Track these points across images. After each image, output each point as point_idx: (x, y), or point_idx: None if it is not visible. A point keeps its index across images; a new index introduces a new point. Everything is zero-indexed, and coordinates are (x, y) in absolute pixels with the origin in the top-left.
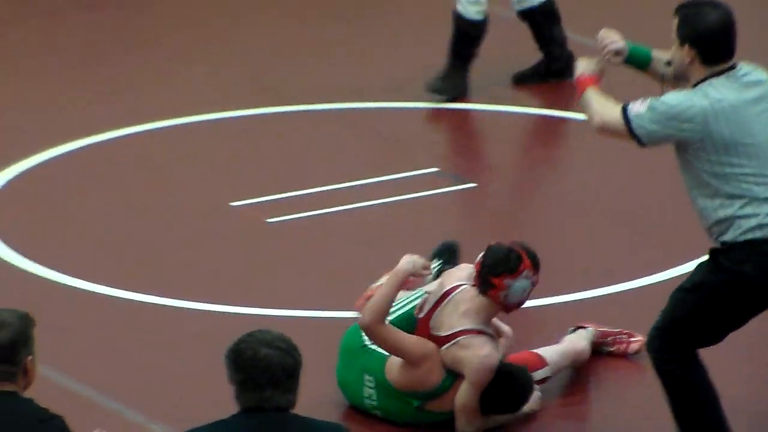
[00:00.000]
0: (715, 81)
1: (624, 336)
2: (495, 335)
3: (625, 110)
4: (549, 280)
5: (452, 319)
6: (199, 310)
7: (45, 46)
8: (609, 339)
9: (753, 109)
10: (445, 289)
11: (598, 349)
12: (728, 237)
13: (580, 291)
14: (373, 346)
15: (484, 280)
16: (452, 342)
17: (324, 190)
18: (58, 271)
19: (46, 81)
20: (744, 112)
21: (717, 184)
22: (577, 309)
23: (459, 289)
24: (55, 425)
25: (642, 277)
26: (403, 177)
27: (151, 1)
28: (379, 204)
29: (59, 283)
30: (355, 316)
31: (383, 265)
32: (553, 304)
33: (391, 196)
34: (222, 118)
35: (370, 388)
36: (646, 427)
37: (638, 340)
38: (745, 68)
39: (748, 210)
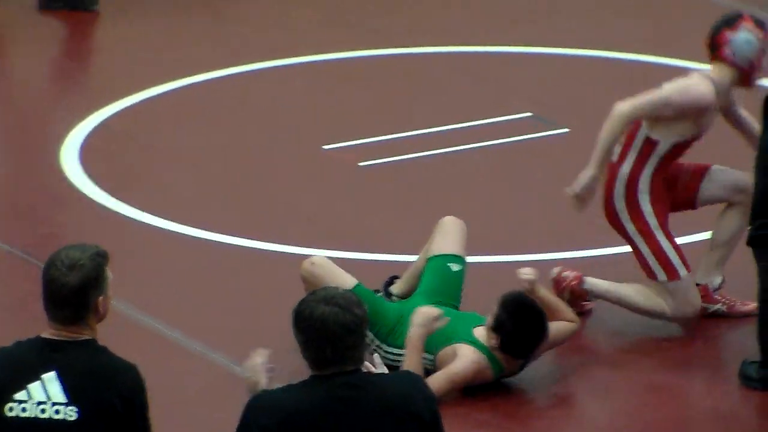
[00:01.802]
0: None
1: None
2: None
3: None
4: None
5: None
6: (291, 253)
7: None
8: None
9: None
10: None
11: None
12: None
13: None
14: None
15: (710, 45)
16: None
17: (417, 134)
18: (149, 212)
19: (150, 23)
20: None
21: None
22: None
23: None
24: (128, 377)
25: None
26: (497, 121)
27: None
28: (472, 148)
29: (150, 225)
30: None
31: (474, 209)
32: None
33: (486, 140)
34: (319, 60)
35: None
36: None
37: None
38: None
39: None
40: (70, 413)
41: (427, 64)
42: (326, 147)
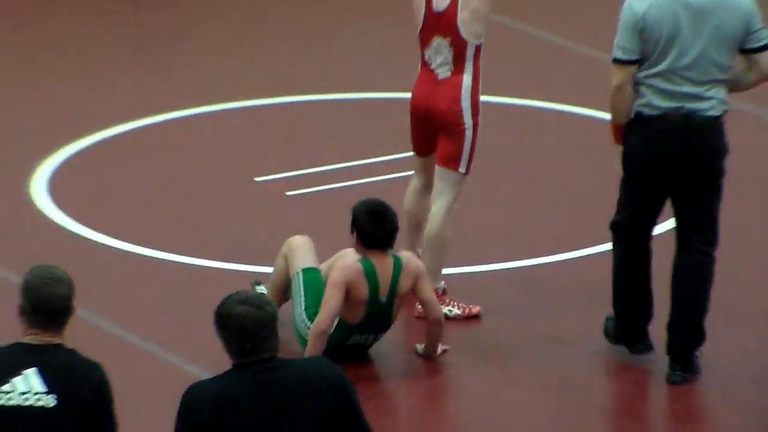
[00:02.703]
0: None
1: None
2: None
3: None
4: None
5: None
6: (223, 269)
7: (95, 41)
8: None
9: None
10: None
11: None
12: None
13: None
14: None
15: None
16: None
17: (332, 168)
18: (107, 234)
19: (96, 71)
20: None
21: None
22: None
23: None
24: (97, 373)
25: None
26: (398, 158)
27: (181, 2)
28: (378, 181)
29: (107, 245)
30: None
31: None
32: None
33: (388, 174)
34: (241, 106)
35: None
36: None
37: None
38: None
39: None
40: (49, 401)
41: (335, 107)
42: (257, 179)
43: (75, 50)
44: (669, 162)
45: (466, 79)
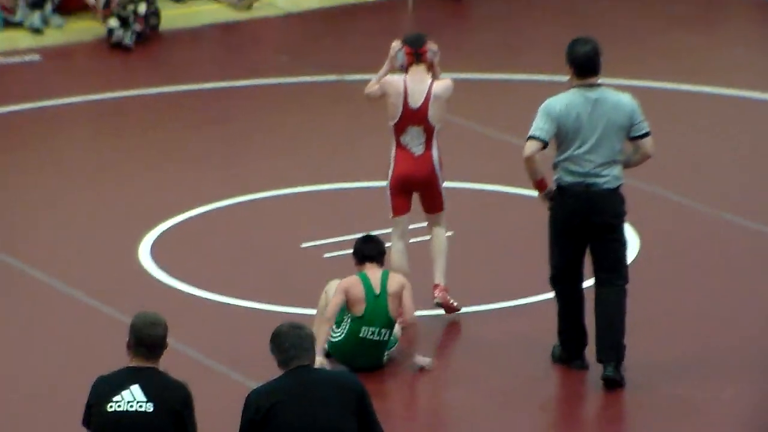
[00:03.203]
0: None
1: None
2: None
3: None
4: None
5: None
6: (280, 312)
7: (190, 145)
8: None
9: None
10: None
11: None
12: None
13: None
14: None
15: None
16: None
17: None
18: (196, 287)
19: (189, 167)
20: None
21: None
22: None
23: None
24: (183, 389)
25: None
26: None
27: (248, 118)
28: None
29: (195, 295)
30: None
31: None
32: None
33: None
34: (295, 192)
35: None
36: None
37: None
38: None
39: None
40: (148, 407)
41: (364, 192)
42: (303, 245)
43: (178, 151)
44: (578, 222)
45: (435, 153)
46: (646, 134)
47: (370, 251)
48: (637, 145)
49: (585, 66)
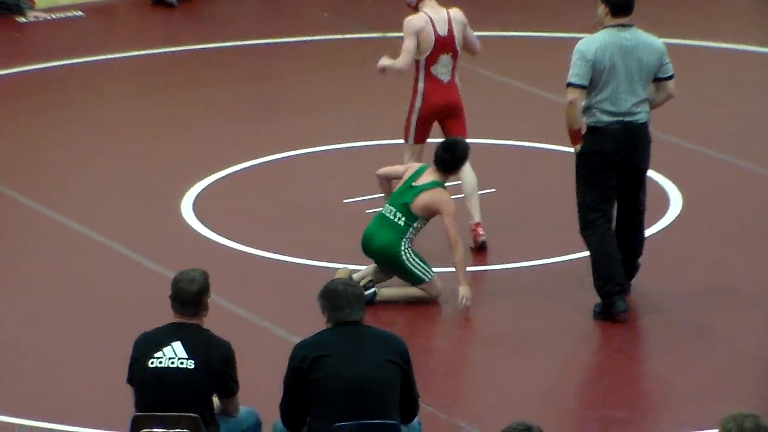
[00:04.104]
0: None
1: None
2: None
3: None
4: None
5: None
6: (321, 266)
7: (227, 103)
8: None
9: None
10: None
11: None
12: None
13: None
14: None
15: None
16: None
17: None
18: (237, 242)
19: (230, 123)
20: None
21: None
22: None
23: None
24: (226, 347)
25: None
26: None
27: (288, 75)
28: None
29: (237, 249)
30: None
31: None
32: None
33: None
34: (335, 148)
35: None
36: None
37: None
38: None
39: None
40: (190, 364)
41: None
42: (346, 201)
43: (220, 108)
44: (617, 160)
45: (457, 79)
46: (671, 76)
47: (437, 154)
48: (663, 86)
49: (621, 4)
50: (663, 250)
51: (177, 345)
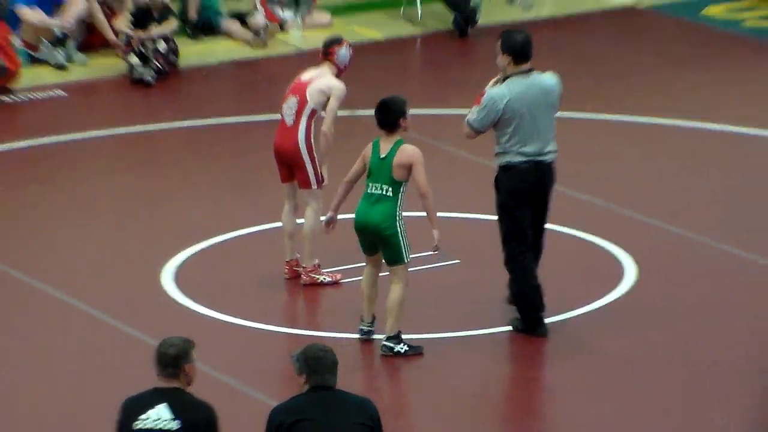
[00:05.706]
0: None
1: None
2: None
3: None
4: None
5: None
6: (291, 333)
7: (204, 177)
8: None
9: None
10: None
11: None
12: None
13: None
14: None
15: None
16: None
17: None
18: (215, 310)
19: (207, 195)
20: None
21: None
22: None
23: None
24: (208, 410)
25: None
26: None
27: (261, 150)
28: None
29: (216, 318)
30: None
31: None
32: None
33: None
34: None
35: None
36: None
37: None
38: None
39: None
40: (174, 425)
41: None
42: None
43: (198, 182)
44: (528, 196)
45: (303, 128)
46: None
47: (377, 119)
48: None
49: (522, 52)
50: (617, 317)
51: (162, 407)
